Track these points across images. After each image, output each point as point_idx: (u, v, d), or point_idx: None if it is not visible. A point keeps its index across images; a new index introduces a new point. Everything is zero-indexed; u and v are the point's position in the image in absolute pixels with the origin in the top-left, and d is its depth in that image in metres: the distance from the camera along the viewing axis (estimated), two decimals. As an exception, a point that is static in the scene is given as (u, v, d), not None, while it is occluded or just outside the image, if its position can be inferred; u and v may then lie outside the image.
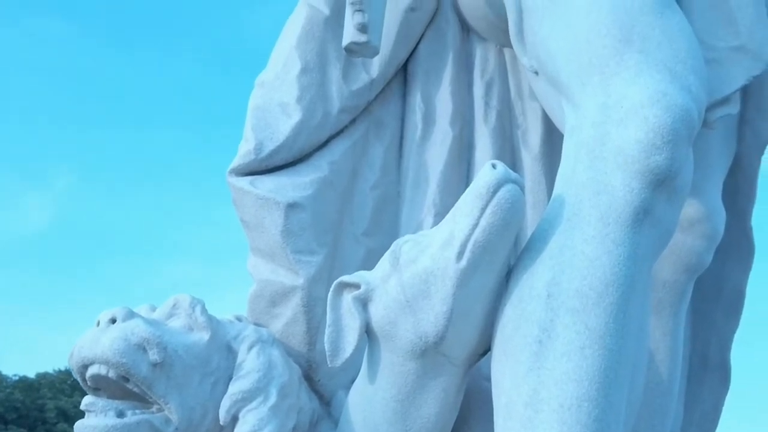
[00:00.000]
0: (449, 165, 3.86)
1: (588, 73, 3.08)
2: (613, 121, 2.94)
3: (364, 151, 3.89)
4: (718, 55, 3.39)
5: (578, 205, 2.93)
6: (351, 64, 3.82)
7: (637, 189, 2.88)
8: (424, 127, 3.91)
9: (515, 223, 2.95)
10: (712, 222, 3.60)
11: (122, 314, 3.21)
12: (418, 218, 3.81)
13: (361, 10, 3.40)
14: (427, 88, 3.94)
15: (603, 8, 3.12)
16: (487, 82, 3.98)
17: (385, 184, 3.89)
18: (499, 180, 2.92)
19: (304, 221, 3.59)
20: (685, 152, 2.94)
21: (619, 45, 3.05)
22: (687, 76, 3.01)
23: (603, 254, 2.86)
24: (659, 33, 3.07)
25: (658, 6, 3.13)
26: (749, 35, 3.39)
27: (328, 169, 3.74)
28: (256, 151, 3.64)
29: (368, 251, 3.79)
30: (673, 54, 3.04)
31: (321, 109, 3.76)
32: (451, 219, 3.00)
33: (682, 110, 2.91)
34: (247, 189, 3.59)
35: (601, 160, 2.94)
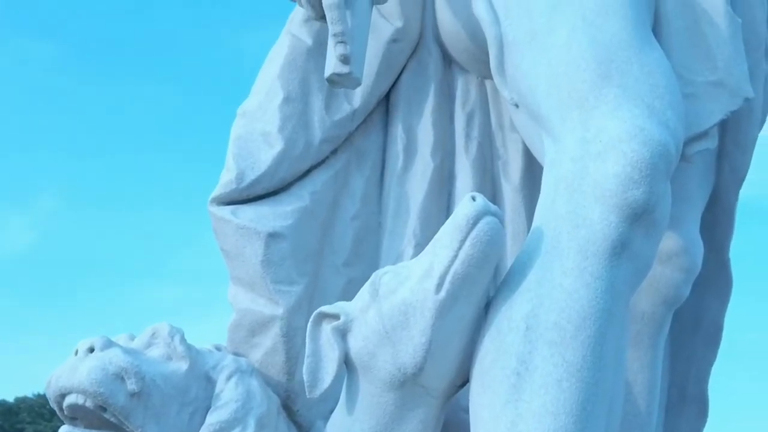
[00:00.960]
0: (430, 196, 3.88)
1: (567, 107, 3.11)
2: (591, 155, 2.97)
3: (346, 182, 3.90)
4: (696, 90, 3.43)
5: (557, 238, 2.96)
6: (333, 94, 3.84)
7: (615, 223, 2.90)
8: (405, 157, 3.93)
9: (494, 255, 2.97)
10: (691, 255, 3.63)
11: (100, 343, 3.20)
12: (399, 249, 3.82)
13: (343, 41, 3.42)
14: (408, 119, 3.97)
15: (582, 43, 3.16)
16: (469, 114, 4.01)
17: (365, 214, 3.91)
18: (479, 212, 2.94)
19: (284, 251, 3.60)
20: (662, 186, 2.97)
21: (598, 80, 3.09)
22: (665, 111, 3.05)
23: (581, 287, 2.88)
24: (638, 68, 3.11)
25: (637, 41, 3.17)
26: (727, 71, 3.44)
27: (309, 199, 3.75)
28: (238, 181, 3.65)
29: (349, 281, 3.80)
30: (651, 89, 3.08)
31: (303, 139, 3.78)
32: (431, 251, 3.02)
33: (660, 145, 2.94)
34: (228, 218, 3.60)
35: (580, 194, 2.96)
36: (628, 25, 3.20)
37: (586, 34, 3.18)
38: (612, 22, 3.20)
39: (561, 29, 3.23)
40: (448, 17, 3.93)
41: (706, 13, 3.46)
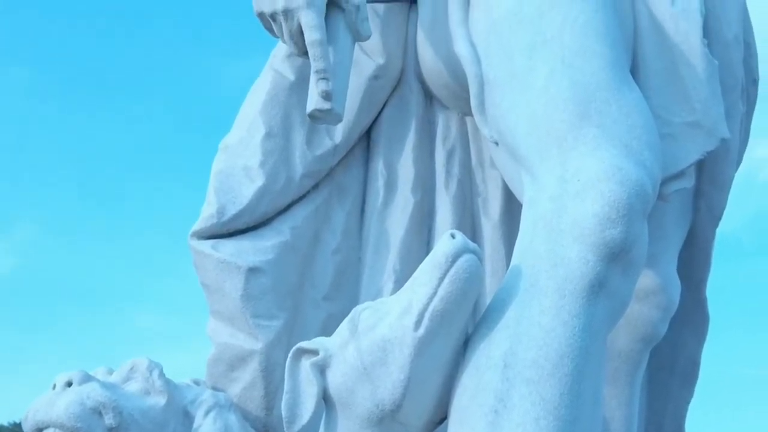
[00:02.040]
0: (410, 231, 3.90)
1: (547, 146, 3.15)
2: (570, 194, 3.01)
3: (326, 216, 3.92)
4: (673, 130, 3.48)
5: (535, 276, 2.98)
6: (315, 129, 3.87)
7: (592, 261, 2.93)
8: (386, 193, 3.95)
9: (473, 292, 2.99)
10: (668, 293, 3.67)
11: (78, 377, 3.20)
12: (379, 284, 3.84)
13: (325, 78, 3.45)
14: (389, 155, 4.00)
15: (562, 84, 3.20)
16: (449, 150, 4.04)
17: (346, 249, 3.92)
18: (458, 250, 2.96)
19: (264, 285, 3.61)
20: (639, 226, 3.00)
21: (576, 120, 3.13)
22: (642, 151, 3.09)
23: (559, 325, 2.90)
24: (616, 109, 3.15)
25: (615, 83, 3.21)
26: (704, 112, 3.48)
27: (290, 233, 3.76)
28: (219, 215, 3.66)
29: (328, 316, 3.81)
30: (628, 129, 3.12)
31: (284, 173, 3.80)
32: (410, 288, 3.03)
33: (637, 185, 2.98)
34: (208, 252, 3.61)
35: (558, 233, 2.99)
36: (606, 66, 3.25)
37: (565, 74, 3.22)
38: (591, 63, 3.24)
39: (541, 69, 3.27)
40: (429, 55, 3.97)
41: (684, 55, 3.51)
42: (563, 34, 3.32)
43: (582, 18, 3.34)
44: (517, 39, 3.40)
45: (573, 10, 3.36)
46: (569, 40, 3.30)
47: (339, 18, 3.56)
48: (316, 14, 3.46)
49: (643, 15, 3.60)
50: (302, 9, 3.45)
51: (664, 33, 3.55)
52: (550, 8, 3.37)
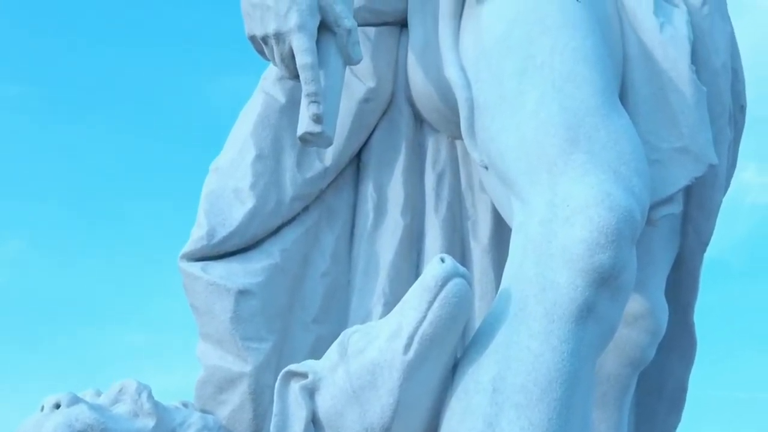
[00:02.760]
0: (399, 254, 3.91)
1: (536, 171, 3.17)
2: (559, 219, 3.03)
3: (316, 239, 3.92)
4: (661, 156, 3.51)
5: (524, 300, 3.00)
6: (305, 152, 3.88)
7: (581, 287, 2.95)
8: (375, 216, 3.96)
9: (462, 316, 3.00)
10: (656, 317, 3.69)
11: (66, 399, 3.19)
12: (368, 307, 3.84)
13: (316, 101, 3.46)
14: (379, 178, 4.01)
15: (552, 109, 3.22)
16: (439, 173, 4.06)
17: (335, 272, 3.92)
18: (448, 274, 2.98)
19: (254, 308, 3.61)
20: (628, 251, 3.03)
21: (566, 145, 3.15)
22: (631, 177, 3.11)
23: (548, 350, 2.92)
24: (605, 134, 3.18)
25: (604, 108, 3.24)
26: (691, 137, 3.52)
27: (279, 256, 3.77)
28: (209, 237, 3.66)
29: (317, 338, 3.80)
30: (617, 155, 3.14)
31: (274, 196, 3.80)
32: (399, 311, 3.05)
33: (626, 211, 3.00)
34: (198, 275, 3.61)
35: (548, 257, 3.01)
36: (596, 92, 3.27)
37: (555, 100, 3.24)
38: (581, 88, 3.27)
39: (530, 94, 3.30)
40: (419, 78, 3.99)
41: (672, 81, 3.54)
42: (553, 60, 3.34)
43: (572, 44, 3.37)
44: (507, 64, 3.42)
45: (563, 36, 3.39)
46: (559, 65, 3.33)
47: (330, 41, 3.58)
48: (308, 38, 3.48)
49: (632, 41, 3.64)
50: (294, 32, 3.47)
51: (653, 59, 3.58)
52: (540, 34, 3.40)
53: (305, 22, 3.47)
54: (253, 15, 3.56)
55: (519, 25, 3.46)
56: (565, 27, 3.41)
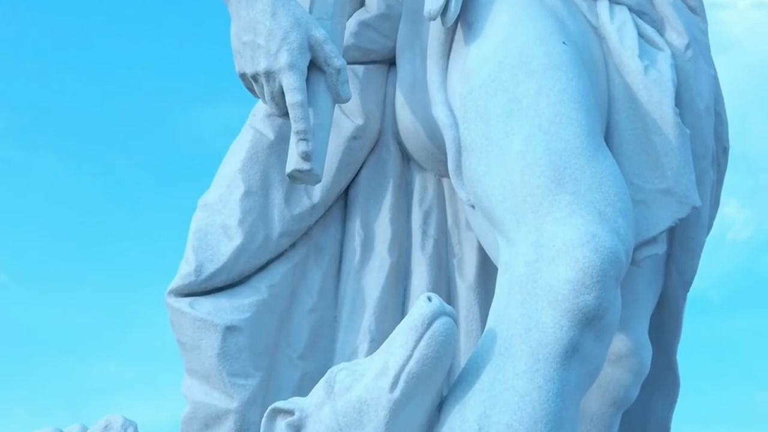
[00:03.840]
0: (386, 291, 3.93)
1: (522, 211, 3.20)
2: (545, 259, 3.06)
3: (303, 275, 3.94)
4: (645, 197, 3.55)
5: (510, 340, 3.03)
6: (293, 188, 3.91)
7: (566, 327, 2.98)
8: (362, 253, 3.99)
9: (448, 355, 3.03)
10: (639, 356, 3.72)
11: (53, 435, 3.19)
12: (354, 344, 3.86)
13: (305, 139, 3.49)
14: (366, 215, 4.04)
15: (538, 150, 3.26)
16: (426, 211, 4.09)
17: (322, 308, 3.94)
18: (434, 313, 3.00)
19: (241, 344, 3.62)
20: (613, 292, 3.06)
21: (552, 186, 3.19)
22: (616, 218, 3.15)
23: (533, 390, 2.95)
24: (590, 176, 3.22)
25: (589, 150, 3.28)
26: (675, 179, 3.56)
27: (267, 292, 3.78)
28: (196, 273, 3.68)
29: (303, 375, 3.82)
30: (602, 196, 3.18)
31: (262, 232, 3.82)
32: (386, 349, 3.07)
33: (611, 252, 3.04)
34: (186, 310, 3.62)
35: (533, 297, 3.04)
36: (581, 134, 3.31)
37: (541, 141, 3.28)
38: (567, 130, 3.31)
39: (517, 135, 3.34)
40: (407, 117, 4.03)
41: (656, 123, 3.60)
42: (539, 102, 3.38)
43: (558, 86, 3.41)
44: (494, 105, 3.46)
45: (549, 78, 3.43)
46: (545, 107, 3.37)
47: (320, 80, 3.62)
48: (298, 76, 3.52)
49: (616, 83, 3.69)
50: (284, 71, 3.51)
51: (638, 102, 3.64)
52: (527, 77, 3.45)
53: (295, 61, 3.51)
54: (243, 53, 3.59)
55: (506, 67, 3.50)
56: (551, 69, 3.45)
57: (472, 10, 3.74)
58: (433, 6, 3.65)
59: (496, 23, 3.65)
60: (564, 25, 3.68)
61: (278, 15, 3.54)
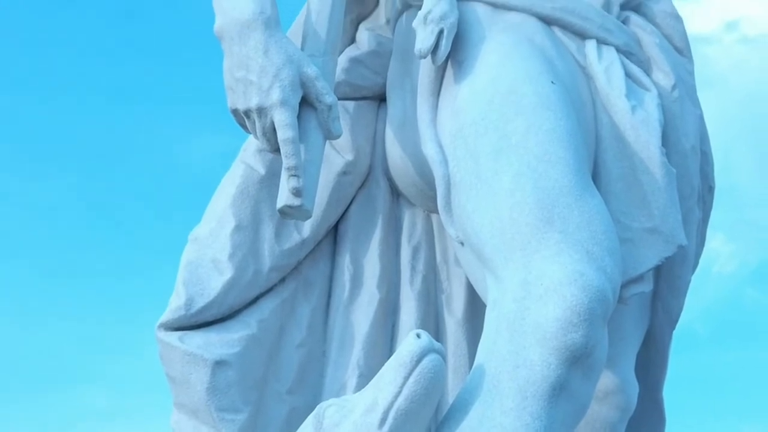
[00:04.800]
0: (375, 327, 3.95)
1: (511, 249, 3.24)
2: (533, 297, 3.09)
3: (292, 310, 3.96)
4: (633, 236, 3.59)
5: (498, 377, 3.05)
6: (283, 223, 3.93)
7: (554, 364, 3.01)
8: (351, 288, 4.01)
9: (437, 392, 3.05)
10: (626, 393, 3.75)
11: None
12: (342, 379, 3.87)
13: (296, 175, 3.52)
14: (356, 250, 4.06)
15: (526, 189, 3.30)
16: (414, 247, 4.12)
17: (311, 342, 3.95)
18: (423, 350, 3.03)
19: (230, 379, 3.63)
20: (600, 330, 3.09)
21: (540, 224, 3.22)
22: (603, 257, 3.19)
23: (521, 427, 2.97)
24: (578, 214, 3.26)
25: (577, 189, 3.32)
26: (662, 218, 3.61)
27: (256, 326, 3.79)
28: (186, 307, 3.69)
29: (292, 409, 3.82)
30: (590, 235, 3.22)
31: (252, 266, 3.84)
32: (375, 385, 3.09)
33: (598, 291, 3.08)
34: (175, 344, 3.63)
35: (521, 335, 3.07)
36: (569, 173, 3.36)
37: (530, 179, 3.32)
38: (555, 169, 3.35)
39: (506, 173, 3.38)
40: (397, 153, 4.07)
41: (643, 162, 3.64)
42: (528, 140, 3.43)
43: (546, 125, 3.46)
44: (484, 143, 3.50)
45: (538, 117, 3.48)
46: (534, 146, 3.41)
47: (311, 116, 3.65)
48: (290, 113, 3.55)
49: (604, 123, 3.74)
50: (276, 107, 3.54)
51: (625, 141, 3.68)
52: (516, 115, 3.49)
53: (287, 97, 3.55)
54: (236, 89, 3.63)
55: (495, 106, 3.55)
56: (540, 108, 3.50)
57: (462, 49, 3.79)
58: (424, 44, 3.70)
59: (486, 62, 3.70)
60: (553, 64, 3.73)
61: (270, 52, 3.58)
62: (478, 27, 3.84)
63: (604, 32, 3.86)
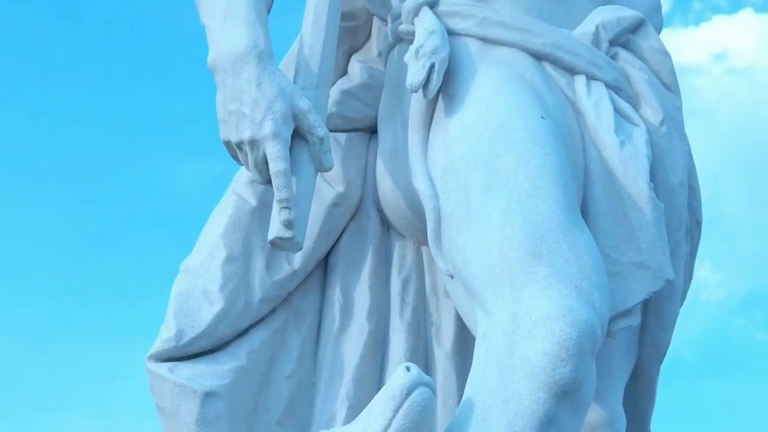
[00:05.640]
0: (364, 358, 3.96)
1: (500, 283, 3.26)
2: (522, 331, 3.12)
3: (283, 341, 3.97)
4: (621, 270, 3.62)
5: (487, 411, 3.07)
6: (274, 254, 3.94)
7: (543, 399, 3.03)
8: (341, 319, 4.02)
9: (426, 425, 3.06)
10: (614, 427, 3.76)
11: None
12: (332, 410, 3.87)
13: (288, 207, 3.54)
14: (346, 281, 4.08)
15: (516, 223, 3.33)
16: (404, 278, 4.13)
17: (300, 374, 3.96)
18: (413, 383, 3.05)
19: (220, 410, 3.64)
20: (588, 364, 3.12)
21: (529, 259, 3.25)
22: (592, 291, 3.22)
23: (510, 461, 2.98)
24: (567, 249, 3.29)
25: (566, 224, 3.35)
26: (650, 253, 3.63)
27: (246, 358, 3.80)
28: (177, 338, 3.70)
29: (281, 441, 3.83)
30: (579, 270, 3.25)
31: (243, 298, 3.85)
32: (364, 418, 3.10)
33: (586, 325, 3.10)
34: (166, 376, 3.64)
35: (510, 369, 3.09)
36: (558, 208, 3.39)
37: (519, 214, 3.35)
38: (544, 204, 3.38)
39: (496, 208, 3.40)
40: (388, 185, 4.09)
41: (631, 197, 3.67)
42: (518, 175, 3.46)
43: (536, 160, 3.49)
44: (474, 177, 3.53)
45: (528, 152, 3.51)
46: (524, 180, 3.44)
47: (303, 149, 3.68)
48: (282, 145, 3.57)
49: (593, 158, 3.77)
50: (268, 140, 3.57)
51: (613, 176, 3.71)
52: (506, 150, 3.52)
53: (279, 130, 3.57)
54: (228, 121, 3.65)
55: (485, 140, 3.58)
56: (530, 143, 3.53)
57: (454, 83, 3.83)
58: (415, 78, 3.73)
59: (477, 96, 3.74)
60: (542, 99, 3.77)
61: (263, 85, 3.61)
62: (469, 61, 3.88)
63: (593, 68, 3.90)
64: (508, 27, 3.92)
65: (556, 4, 4.05)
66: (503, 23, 3.92)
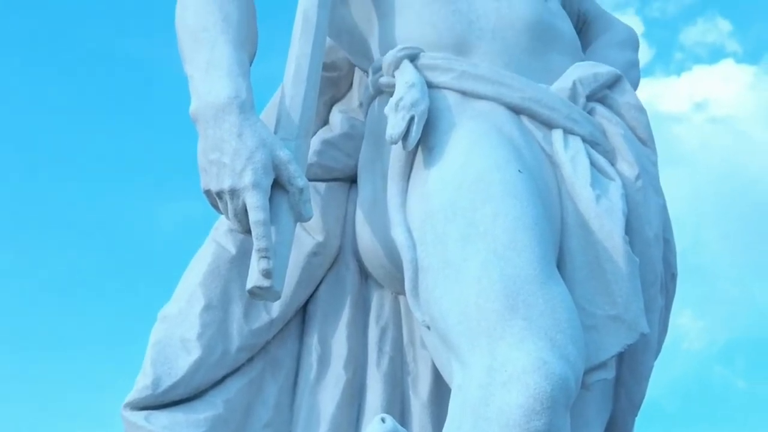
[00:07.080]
0: (341, 407, 3.96)
1: (477, 335, 3.29)
2: (497, 383, 3.14)
3: (260, 389, 3.97)
4: (596, 323, 3.65)
5: None
6: (252, 303, 3.95)
7: None
8: (318, 368, 4.02)
9: (401, 477, 3.07)
10: (589, 479, 3.77)
11: None
12: (308, 459, 3.88)
13: (267, 256, 3.56)
14: (324, 330, 4.09)
15: (493, 276, 3.37)
16: (382, 328, 4.15)
17: (277, 422, 3.96)
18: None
19: None
20: (562, 418, 3.14)
21: (505, 311, 3.28)
22: (566, 345, 3.25)
23: None
24: (542, 302, 3.32)
25: (542, 277, 3.39)
26: (625, 306, 3.66)
27: (222, 407, 3.80)
28: (153, 387, 3.70)
29: (257, 489, 3.82)
30: (554, 323, 3.28)
31: (220, 346, 3.86)
32: (340, 469, 3.11)
33: (561, 379, 3.13)
34: (141, 425, 3.63)
35: (485, 421, 3.11)
36: (534, 260, 3.42)
37: (496, 267, 3.39)
38: (521, 257, 3.41)
39: (473, 261, 3.43)
40: (367, 235, 4.12)
41: (607, 251, 3.71)
42: (496, 228, 3.49)
43: (513, 213, 3.53)
44: (451, 229, 3.57)
45: (505, 205, 3.55)
46: (501, 233, 3.48)
47: (282, 198, 3.70)
48: (261, 195, 3.60)
49: (569, 211, 3.81)
50: (248, 189, 3.59)
51: (589, 230, 3.75)
52: (483, 203, 3.56)
53: (259, 180, 3.60)
54: (209, 171, 3.68)
55: (464, 192, 3.62)
56: (508, 196, 3.57)
57: (433, 135, 3.87)
58: (395, 130, 3.78)
59: (456, 149, 3.78)
60: (520, 152, 3.81)
61: (244, 135, 3.64)
62: (448, 114, 3.93)
63: (570, 122, 3.96)
64: (487, 81, 3.97)
65: (535, 60, 4.12)
66: (482, 77, 3.98)
